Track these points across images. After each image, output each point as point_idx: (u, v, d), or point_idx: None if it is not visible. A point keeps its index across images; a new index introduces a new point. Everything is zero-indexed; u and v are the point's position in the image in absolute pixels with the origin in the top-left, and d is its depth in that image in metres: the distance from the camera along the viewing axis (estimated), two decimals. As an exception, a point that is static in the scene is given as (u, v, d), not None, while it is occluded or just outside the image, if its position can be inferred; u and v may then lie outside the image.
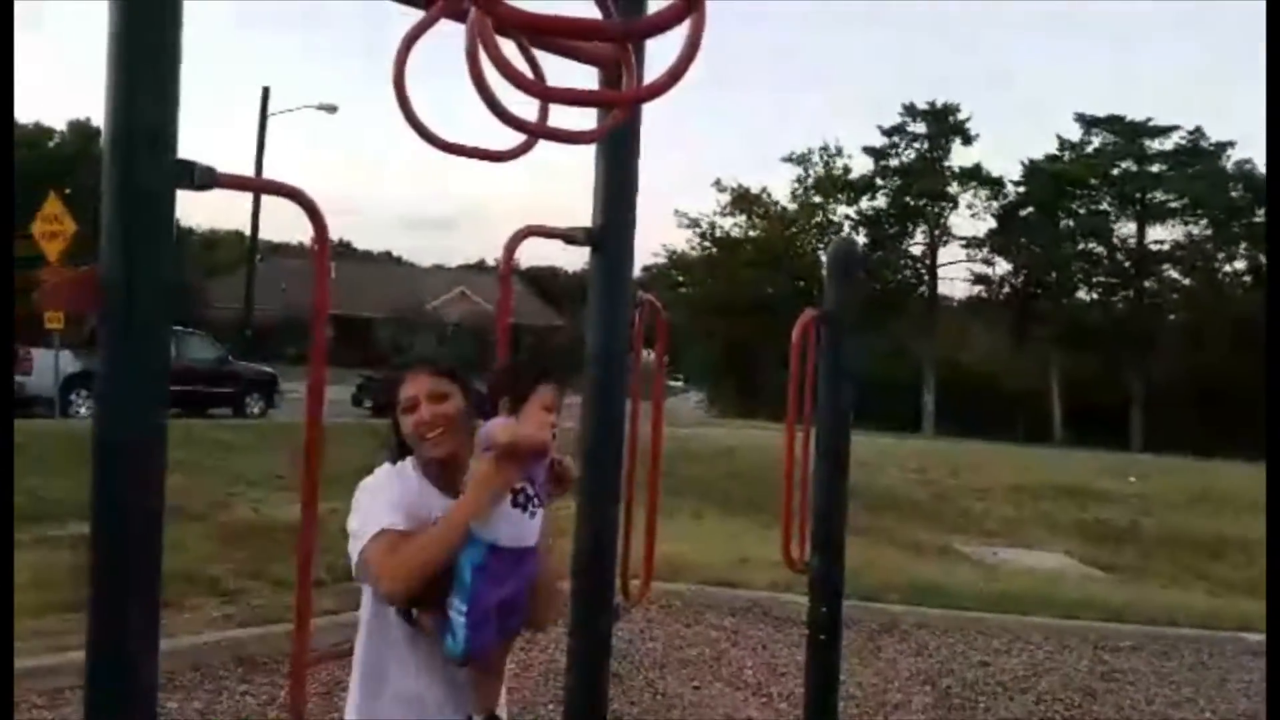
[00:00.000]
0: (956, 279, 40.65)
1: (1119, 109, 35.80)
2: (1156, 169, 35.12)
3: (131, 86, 1.40)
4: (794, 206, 38.10)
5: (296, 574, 1.83)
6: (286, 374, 19.28)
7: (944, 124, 36.02)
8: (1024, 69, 62.55)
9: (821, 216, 37.66)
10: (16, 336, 15.62)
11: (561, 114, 1.53)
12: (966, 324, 38.70)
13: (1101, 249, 36.29)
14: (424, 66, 1.68)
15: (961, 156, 36.33)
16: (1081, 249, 36.25)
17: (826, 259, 3.28)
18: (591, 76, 1.98)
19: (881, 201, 37.18)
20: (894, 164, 36.75)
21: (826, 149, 37.32)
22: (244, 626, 4.80)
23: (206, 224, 50.31)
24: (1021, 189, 36.48)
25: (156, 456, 1.43)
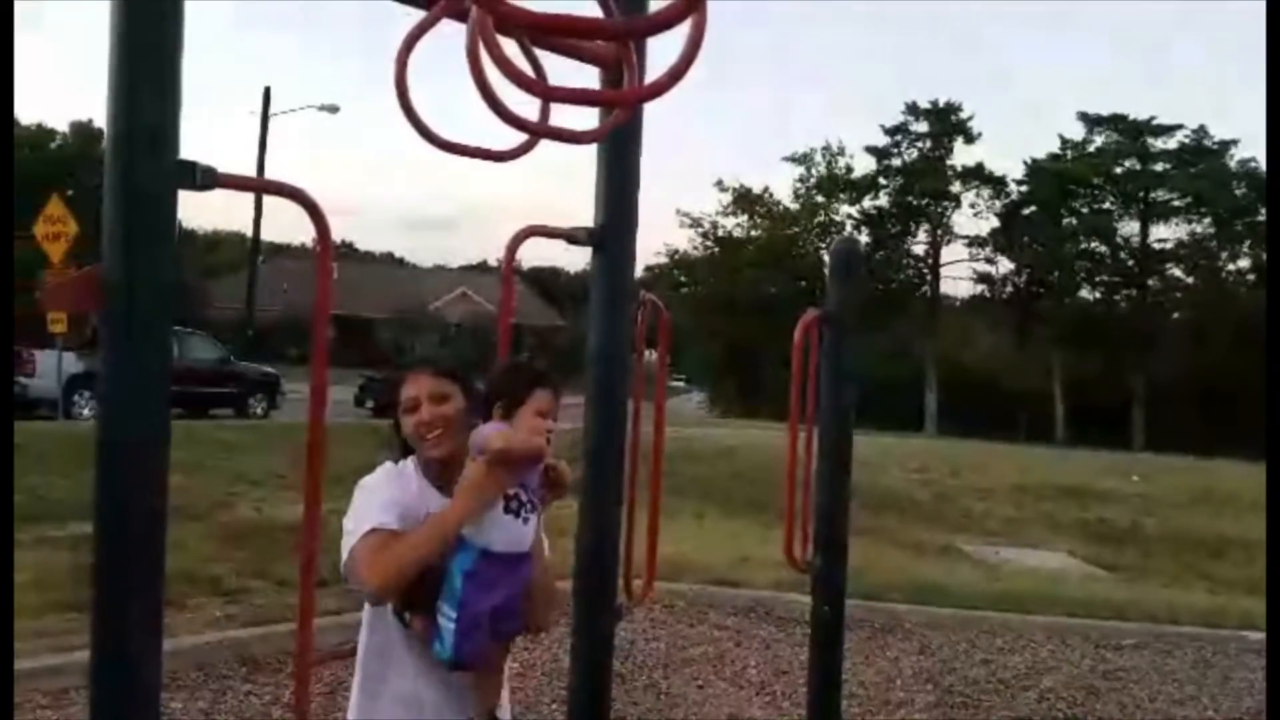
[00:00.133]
0: (959, 278, 40.62)
1: (1122, 108, 35.81)
2: (1160, 168, 35.04)
3: (133, 87, 1.40)
4: (796, 206, 38.06)
5: (299, 574, 1.83)
6: (288, 374, 19.30)
7: (946, 123, 35.95)
8: (1026, 68, 62.61)
9: (824, 216, 37.60)
10: (19, 338, 15.66)
11: (563, 113, 1.53)
12: (969, 323, 38.66)
13: (1104, 248, 36.20)
14: (425, 66, 1.68)
15: (964, 155, 36.32)
16: (1084, 248, 36.16)
17: (828, 258, 3.28)
18: (592, 77, 1.98)
19: (884, 201, 37.12)
20: (896, 163, 36.66)
21: (828, 148, 37.29)
22: (247, 626, 4.81)
23: (208, 225, 50.43)
24: (1024, 188, 36.43)
25: (159, 457, 1.43)
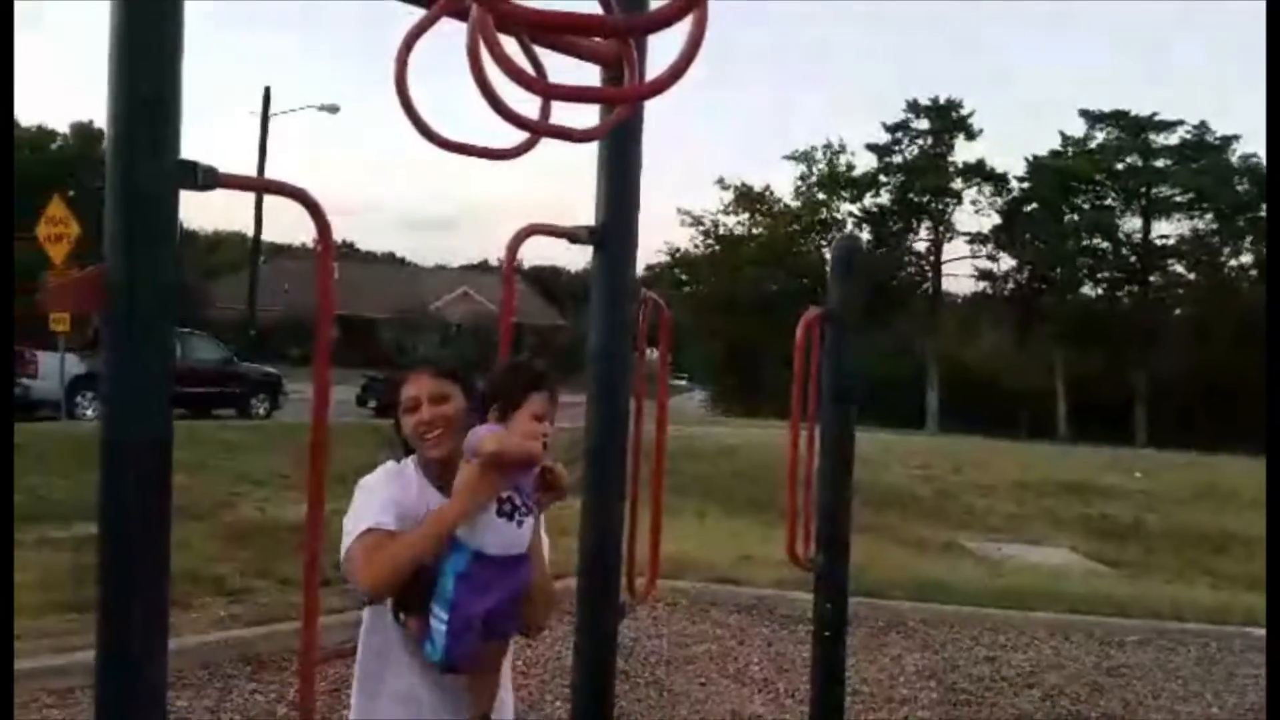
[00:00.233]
0: (960, 275, 40.61)
1: (1123, 104, 35.75)
2: (1161, 164, 34.99)
3: (133, 87, 1.40)
4: (797, 204, 38.04)
5: (303, 573, 1.84)
6: (290, 374, 19.32)
7: (947, 120, 35.92)
8: (1027, 65, 62.50)
9: (825, 214, 37.58)
10: (22, 339, 15.68)
11: (563, 112, 1.53)
12: (970, 320, 38.63)
13: (1106, 245, 36.17)
14: (425, 65, 1.68)
15: (965, 152, 36.30)
16: (1086, 245, 36.13)
17: (830, 256, 3.28)
18: (591, 76, 1.98)
19: (885, 198, 37.10)
20: (897, 160, 36.65)
21: (830, 146, 37.27)
22: (251, 625, 4.81)
23: (209, 226, 50.46)
24: (1025, 185, 36.39)
25: (162, 457, 1.44)
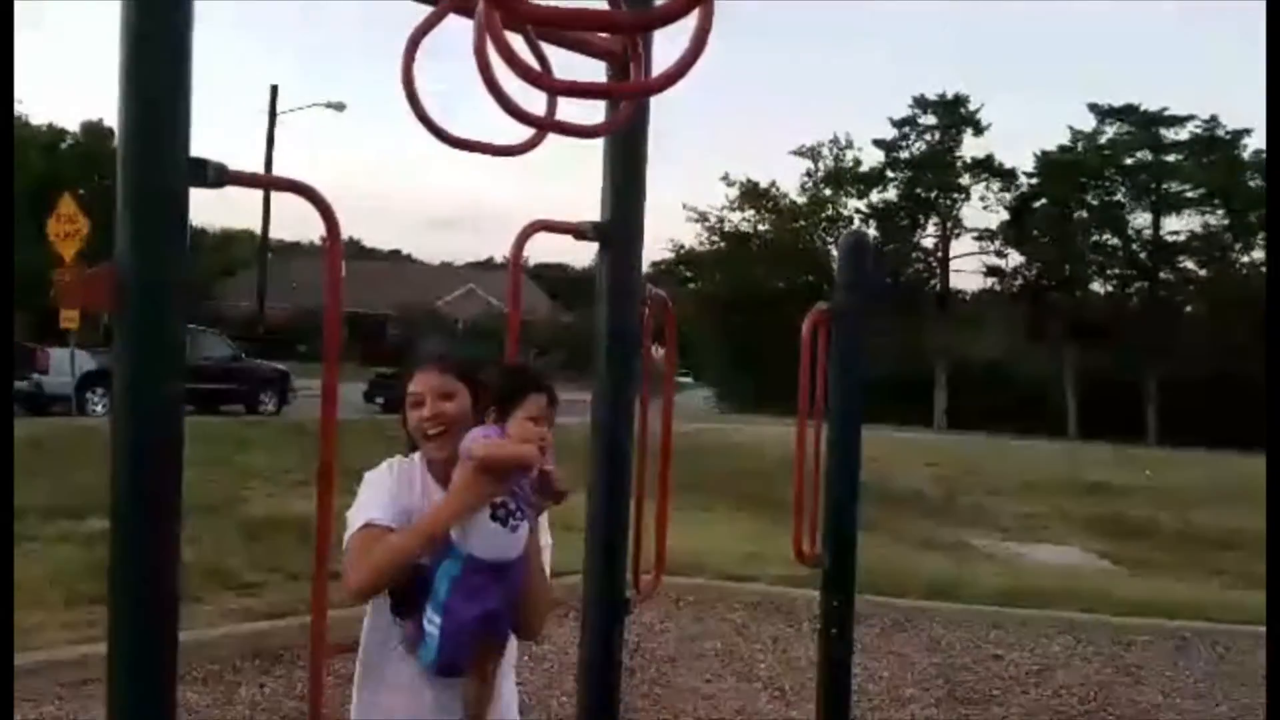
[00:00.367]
0: (968, 272, 40.39)
1: (1133, 99, 35.49)
2: (1171, 159, 34.72)
3: (144, 85, 1.41)
4: (803, 200, 37.90)
5: (313, 567, 1.85)
6: (298, 371, 19.39)
7: (955, 115, 35.70)
8: (1035, 59, 62.12)
9: (831, 210, 37.44)
10: (34, 337, 15.79)
11: (569, 108, 1.53)
12: (979, 317, 38.47)
13: (1116, 241, 35.93)
14: (431, 61, 1.69)
15: (973, 147, 36.07)
16: (1095, 241, 35.90)
17: (837, 252, 3.27)
18: (595, 73, 1.98)
19: (892, 194, 36.90)
20: (904, 156, 36.48)
21: (836, 141, 37.08)
22: (261, 619, 4.84)
23: (216, 224, 50.54)
24: (1034, 180, 36.18)
25: (174, 452, 1.45)
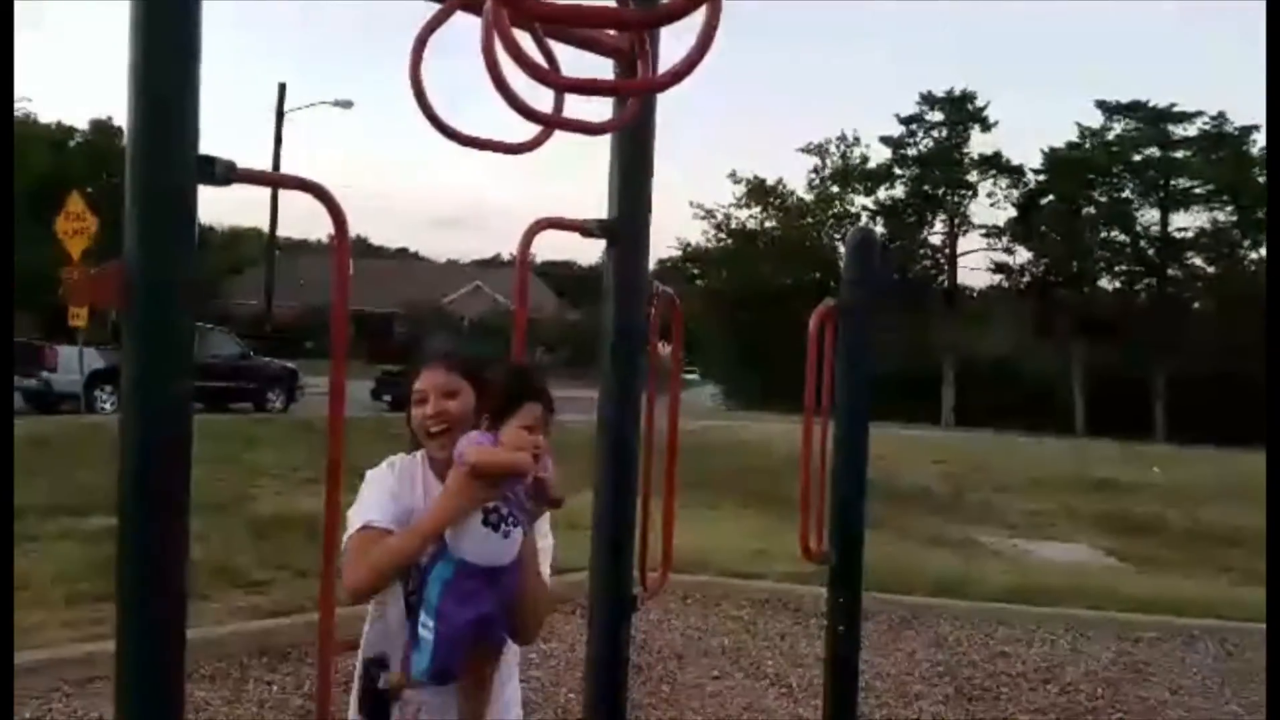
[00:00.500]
0: (976, 269, 40.22)
1: (1141, 95, 35.36)
2: (1180, 155, 34.56)
3: (152, 83, 1.41)
4: (811, 197, 37.84)
5: (321, 564, 1.85)
6: (306, 368, 19.44)
7: (962, 111, 35.60)
8: (1037, 58, 61.85)
9: (839, 207, 37.37)
10: (43, 334, 15.87)
11: (575, 106, 1.53)
12: (986, 314, 38.35)
13: (1124, 237, 35.79)
14: (438, 59, 1.68)
15: (980, 144, 35.99)
16: (1104, 237, 35.76)
17: (844, 249, 3.26)
18: (599, 70, 1.98)
19: (899, 191, 36.84)
20: (912, 153, 36.39)
21: (843, 138, 37.03)
22: (269, 617, 4.86)
23: (225, 221, 50.74)
24: (1042, 177, 36.05)
25: (182, 450, 1.45)
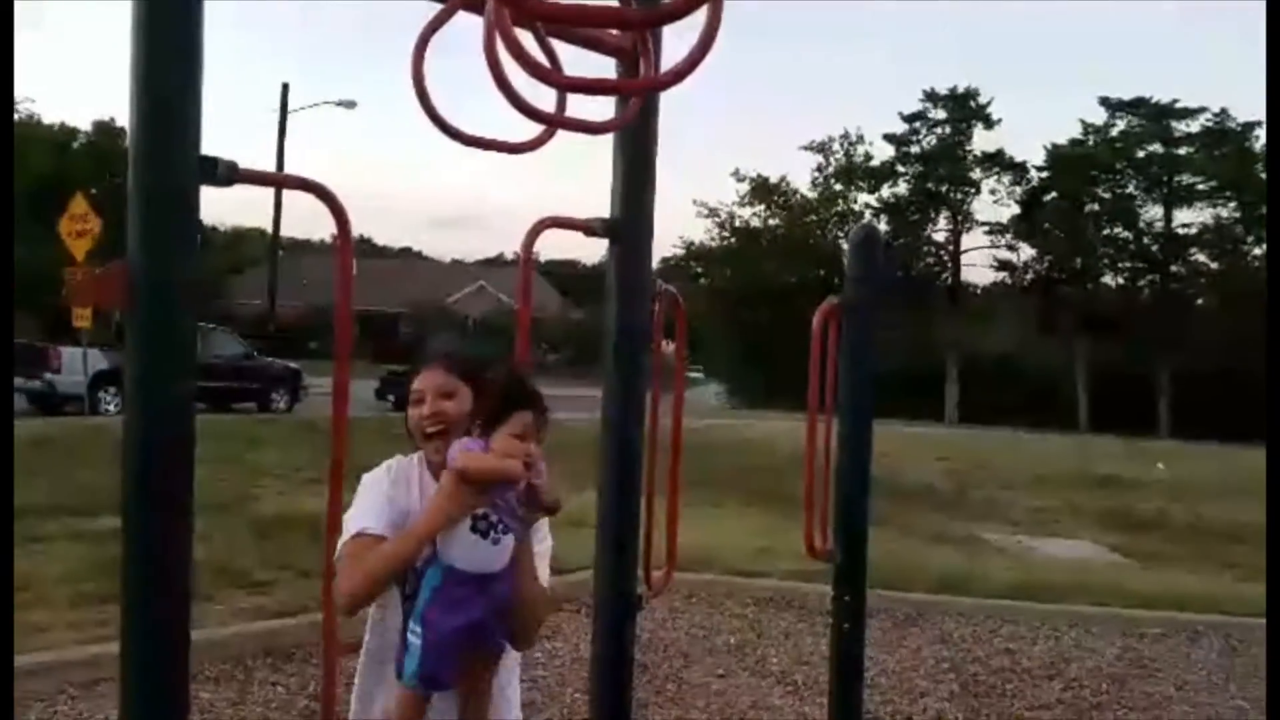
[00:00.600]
0: (980, 266, 40.24)
1: (1144, 91, 35.24)
2: (1183, 151, 34.47)
3: (154, 84, 1.41)
4: (814, 195, 37.80)
5: (325, 565, 1.85)
6: (310, 369, 19.46)
7: (965, 109, 35.53)
8: (1046, 53, 61.71)
9: (842, 205, 37.34)
10: (47, 335, 15.91)
11: (578, 105, 1.53)
12: (990, 311, 38.30)
13: (1127, 234, 35.71)
14: (440, 59, 1.68)
15: (983, 141, 35.91)
16: (1107, 234, 35.70)
17: (847, 247, 3.25)
18: (601, 69, 1.98)
19: (903, 189, 36.78)
20: (915, 151, 36.34)
21: (846, 136, 36.95)
22: (273, 618, 4.86)
23: (227, 221, 50.78)
24: (1045, 174, 35.99)
25: (185, 450, 1.45)
